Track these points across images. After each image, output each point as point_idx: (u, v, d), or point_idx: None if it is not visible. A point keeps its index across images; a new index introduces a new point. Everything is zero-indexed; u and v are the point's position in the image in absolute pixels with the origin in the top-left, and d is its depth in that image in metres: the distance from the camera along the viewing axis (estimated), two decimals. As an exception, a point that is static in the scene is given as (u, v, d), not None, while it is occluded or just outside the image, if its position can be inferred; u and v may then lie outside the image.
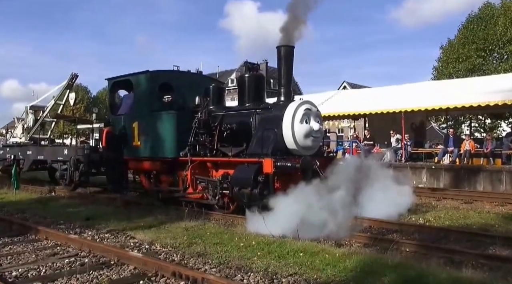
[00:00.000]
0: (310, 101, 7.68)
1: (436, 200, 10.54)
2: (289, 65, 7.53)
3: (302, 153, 7.17)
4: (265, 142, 6.89)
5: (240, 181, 6.86)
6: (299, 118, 7.05)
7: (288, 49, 7.41)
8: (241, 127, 7.64)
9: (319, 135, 7.42)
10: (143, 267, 4.54)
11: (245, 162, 7.06)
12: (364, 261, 4.57)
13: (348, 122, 28.45)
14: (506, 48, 28.66)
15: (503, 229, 6.95)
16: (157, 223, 7.11)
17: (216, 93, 8.76)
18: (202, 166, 7.93)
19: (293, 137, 7.05)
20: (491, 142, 14.29)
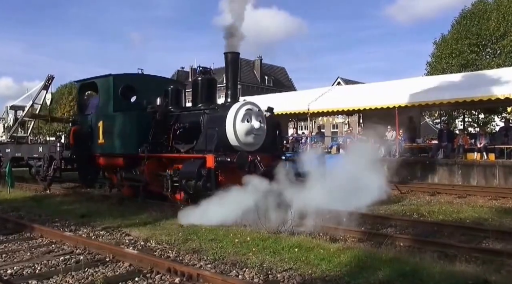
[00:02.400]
0: (252, 102, 8.33)
1: (430, 195, 10.61)
2: (234, 69, 8.34)
3: (245, 149, 7.80)
4: (210, 140, 7.61)
5: (186, 175, 7.53)
6: (241, 118, 7.73)
7: (233, 55, 8.17)
8: (192, 126, 8.36)
9: (260, 132, 8.06)
10: (139, 264, 4.55)
11: (191, 158, 7.80)
12: (358, 256, 4.61)
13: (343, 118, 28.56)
14: (499, 43, 28.80)
15: (496, 223, 7.03)
16: (152, 220, 7.12)
17: (174, 94, 9.54)
18: (158, 161, 8.63)
19: (235, 135, 7.71)
20: (484, 136, 14.39)
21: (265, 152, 8.30)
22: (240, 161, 7.26)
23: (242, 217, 6.39)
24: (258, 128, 7.92)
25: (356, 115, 20.30)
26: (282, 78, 64.95)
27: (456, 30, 30.55)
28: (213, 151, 7.45)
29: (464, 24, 30.15)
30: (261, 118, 8.18)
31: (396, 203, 9.24)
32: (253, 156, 7.61)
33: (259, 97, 22.71)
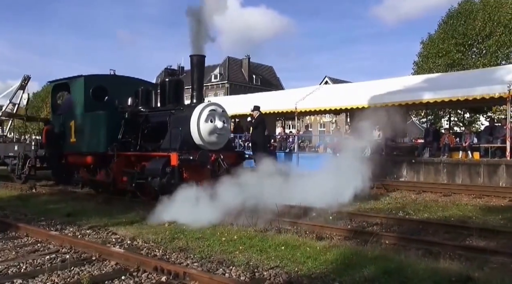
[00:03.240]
0: (216, 103, 8.71)
1: (415, 193, 10.75)
2: (200, 71, 8.66)
3: (209, 148, 8.15)
4: (175, 139, 8.00)
5: (151, 172, 7.84)
6: (205, 118, 8.08)
7: (199, 58, 8.50)
8: (159, 126, 8.69)
9: (223, 132, 8.44)
10: (125, 263, 4.53)
11: (157, 156, 8.10)
12: (344, 253, 4.66)
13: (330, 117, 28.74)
14: (485, 43, 29.26)
15: (480, 221, 7.15)
16: (139, 218, 7.08)
17: (144, 95, 9.76)
18: (127, 160, 8.87)
19: (199, 134, 8.05)
20: (470, 135, 14.63)
21: (229, 151, 8.76)
22: (202, 159, 7.55)
23: (213, 215, 6.60)
24: (221, 128, 8.28)
25: (343, 114, 20.47)
26: (270, 77, 65.04)
27: (443, 30, 30.95)
28: (177, 149, 7.75)
29: (450, 24, 30.55)
30: (225, 118, 8.54)
31: (382, 202, 9.35)
32: (217, 155, 7.96)
33: (247, 96, 22.74)
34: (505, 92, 12.11)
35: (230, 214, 6.64)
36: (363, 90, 15.82)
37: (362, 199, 9.59)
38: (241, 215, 6.64)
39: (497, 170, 12.04)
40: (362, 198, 9.71)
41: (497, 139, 13.34)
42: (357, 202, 9.21)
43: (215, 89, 59.04)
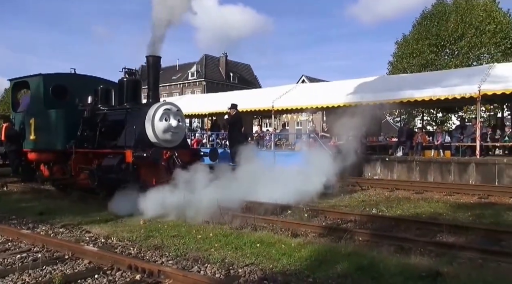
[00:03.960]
0: (172, 103, 9.06)
1: (389, 191, 10.99)
2: (156, 72, 9.01)
3: (163, 145, 8.39)
4: (130, 136, 8.29)
5: (107, 169, 8.07)
6: (159, 117, 8.34)
7: (155, 58, 8.79)
8: (116, 124, 8.92)
9: (178, 130, 8.69)
10: (99, 261, 4.47)
11: (112, 153, 8.33)
12: (318, 250, 4.72)
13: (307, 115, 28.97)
14: (457, 44, 30.10)
15: (450, 217, 7.37)
16: (114, 217, 7.01)
17: (104, 94, 9.89)
18: (85, 156, 9.03)
19: (153, 132, 8.30)
20: (441, 134, 15.06)
21: (184, 149, 9.05)
22: (155, 156, 7.76)
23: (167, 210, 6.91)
24: (175, 126, 8.54)
25: (320, 113, 20.67)
26: (247, 75, 65.01)
27: (417, 31, 31.65)
28: (132, 147, 8.03)
29: (424, 25, 31.27)
30: (180, 117, 8.81)
31: (356, 199, 9.52)
32: (171, 152, 8.19)
33: (224, 94, 22.67)
34: (476, 92, 12.52)
35: (179, 208, 6.91)
36: (339, 89, 16.03)
37: (337, 196, 9.77)
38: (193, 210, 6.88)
39: (467, 168, 12.45)
40: (337, 195, 9.90)
41: (468, 138, 13.80)
42: (332, 199, 9.38)
43: (192, 87, 58.56)
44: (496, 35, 28.77)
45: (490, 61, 26.95)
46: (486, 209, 8.06)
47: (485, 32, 28.85)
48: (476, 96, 12.57)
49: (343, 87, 16.23)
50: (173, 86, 60.55)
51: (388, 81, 16.60)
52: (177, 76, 61.34)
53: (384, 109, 18.18)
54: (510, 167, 11.77)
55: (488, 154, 13.63)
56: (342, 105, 14.91)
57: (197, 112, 20.30)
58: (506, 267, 4.51)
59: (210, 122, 22.02)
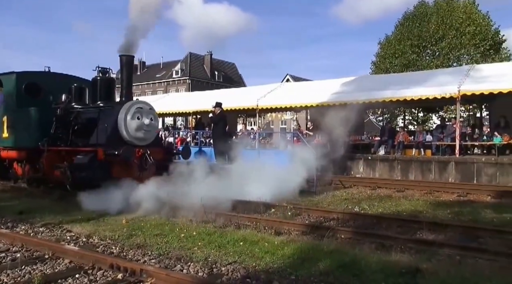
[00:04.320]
0: (144, 101, 9.40)
1: (371, 189, 11.14)
2: (129, 71, 9.12)
3: (136, 143, 8.52)
4: (103, 135, 8.39)
5: (79, 167, 8.12)
6: (131, 115, 8.48)
7: (128, 58, 8.91)
8: (89, 122, 8.98)
9: (150, 129, 8.83)
10: (80, 261, 4.42)
11: (84, 151, 8.37)
12: (301, 248, 4.76)
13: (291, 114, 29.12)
14: (438, 45, 30.68)
15: (430, 215, 7.51)
16: (96, 215, 6.91)
17: (78, 92, 9.89)
18: (58, 155, 9.02)
19: (126, 130, 8.43)
20: (422, 134, 15.34)
21: (157, 147, 9.14)
22: (126, 153, 7.85)
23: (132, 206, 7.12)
24: (148, 124, 8.67)
25: (304, 112, 20.78)
26: (232, 74, 64.89)
27: (399, 31, 32.13)
28: (104, 145, 8.11)
29: (406, 26, 31.77)
30: (153, 116, 8.94)
31: (339, 197, 9.62)
32: (144, 150, 8.35)
33: (209, 92, 22.58)
34: (455, 92, 12.79)
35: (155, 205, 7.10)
36: (323, 88, 16.16)
37: (320, 194, 9.86)
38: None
39: (447, 167, 12.72)
40: (320, 193, 9.99)
41: (448, 137, 14.09)
42: (316, 197, 9.46)
43: (176, 85, 58.12)
44: (475, 36, 29.45)
45: (469, 62, 27.58)
46: (465, 207, 8.26)
47: (465, 33, 29.51)
48: (456, 96, 12.84)
49: (327, 86, 16.37)
50: (157, 84, 60.00)
51: (371, 81, 16.80)
52: (161, 74, 60.80)
53: (367, 108, 18.42)
54: (488, 166, 12.07)
55: (467, 153, 13.95)
56: (326, 104, 15.03)
57: (182, 110, 20.18)
58: (483, 263, 4.64)
59: (194, 120, 21.90)
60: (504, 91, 12.14)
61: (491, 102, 15.45)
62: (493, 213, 7.59)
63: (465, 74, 13.67)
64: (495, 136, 13.33)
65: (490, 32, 30.22)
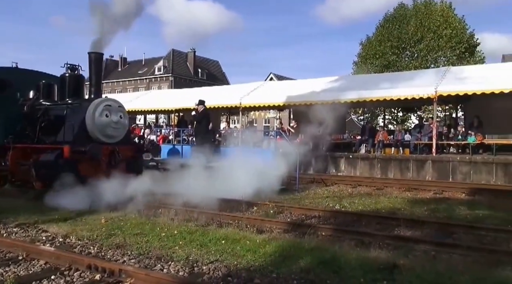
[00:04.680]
0: (113, 99, 9.32)
1: (352, 187, 11.29)
2: (98, 68, 9.11)
3: (104, 141, 8.53)
4: (70, 132, 8.37)
5: (45, 164, 8.07)
6: (99, 112, 8.47)
7: (97, 55, 8.94)
8: (56, 119, 8.88)
9: (119, 126, 8.86)
10: (56, 261, 4.31)
11: (50, 148, 8.30)
12: (283, 246, 4.78)
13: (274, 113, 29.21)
14: (417, 47, 31.34)
15: (407, 212, 7.67)
16: (74, 215, 6.77)
17: (46, 89, 9.74)
18: (24, 152, 8.92)
19: (94, 128, 8.42)
20: (401, 133, 15.62)
21: (127, 144, 9.17)
22: (93, 151, 7.88)
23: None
24: (116, 122, 8.69)
25: (287, 110, 20.87)
26: (216, 72, 64.60)
27: (380, 33, 32.65)
28: (71, 142, 8.06)
29: (387, 28, 32.32)
30: (122, 113, 8.96)
31: (321, 195, 9.71)
32: (112, 148, 8.38)
33: (192, 90, 22.43)
34: (432, 93, 13.08)
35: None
36: (306, 87, 16.26)
37: (302, 192, 9.94)
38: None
39: (424, 165, 13.00)
40: (302, 191, 10.06)
41: (425, 137, 14.39)
42: (298, 195, 9.53)
43: (158, 82, 57.48)
44: (452, 39, 30.22)
45: (446, 64, 28.27)
46: (440, 204, 8.46)
47: (442, 36, 30.24)
48: (433, 97, 13.14)
49: (310, 85, 16.48)
50: (138, 80, 59.19)
51: (352, 81, 17.01)
52: (143, 70, 60.01)
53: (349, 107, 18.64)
54: (462, 164, 12.40)
55: (443, 152, 14.29)
56: (308, 103, 15.14)
57: (164, 108, 19.98)
58: (457, 258, 4.77)
59: (177, 118, 21.71)
60: (478, 93, 12.51)
61: (466, 103, 15.87)
62: (467, 210, 7.82)
63: (442, 75, 14.00)
64: (469, 135, 13.70)
65: (466, 35, 31.07)
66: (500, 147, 12.98)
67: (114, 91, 56.19)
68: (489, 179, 11.89)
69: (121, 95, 32.38)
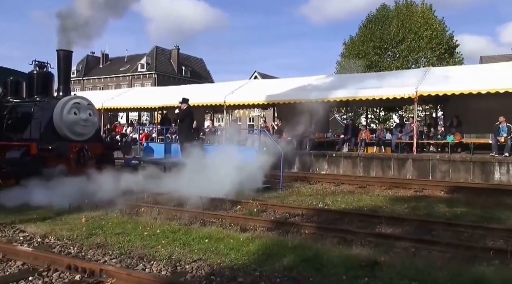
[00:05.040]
0: (82, 97, 9.34)
1: (335, 185, 11.39)
2: (66, 65, 9.13)
3: (73, 138, 8.63)
4: (37, 129, 8.38)
5: (11, 161, 8.12)
6: (68, 110, 8.53)
7: (65, 53, 8.95)
8: (24, 116, 8.86)
9: (88, 124, 8.94)
10: (33, 262, 4.22)
11: (17, 146, 8.35)
12: (266, 244, 4.79)
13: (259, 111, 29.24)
14: (398, 48, 31.84)
15: (389, 210, 7.78)
16: (53, 214, 6.63)
17: (14, 86, 9.69)
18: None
19: (62, 125, 8.47)
20: (383, 132, 15.84)
21: (96, 142, 9.24)
22: (59, 148, 8.00)
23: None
24: (85, 119, 8.75)
25: (271, 109, 20.90)
26: (200, 69, 64.19)
27: (362, 33, 33.03)
28: (38, 140, 8.10)
29: (369, 28, 32.73)
30: (91, 111, 9.01)
31: (304, 193, 9.76)
32: (81, 145, 8.46)
33: (176, 88, 22.24)
34: (413, 93, 13.31)
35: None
36: (290, 86, 16.32)
37: (286, 191, 9.97)
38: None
39: (405, 164, 13.22)
40: (286, 190, 10.10)
41: (406, 136, 14.63)
42: (281, 194, 9.56)
43: (142, 79, 56.76)
44: (432, 40, 30.82)
45: (426, 64, 28.79)
46: (420, 202, 8.62)
47: (422, 37, 30.81)
48: (414, 96, 13.37)
49: (294, 84, 16.54)
50: (121, 77, 58.32)
51: (336, 80, 17.14)
52: (125, 67, 59.15)
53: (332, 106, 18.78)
54: (441, 163, 12.67)
55: (423, 150, 14.56)
56: (292, 102, 15.20)
57: (147, 105, 19.75)
58: (436, 254, 4.87)
59: (160, 116, 21.49)
60: (457, 93, 12.80)
61: (445, 103, 16.20)
62: (446, 207, 7.98)
63: (423, 76, 14.25)
64: (448, 135, 13.99)
65: (445, 37, 31.74)
66: (477, 146, 13.29)
67: (95, 88, 55.25)
68: (467, 177, 12.17)
69: (103, 92, 31.84)
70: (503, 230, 5.89)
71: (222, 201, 7.78)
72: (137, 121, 26.23)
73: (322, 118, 17.83)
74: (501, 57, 30.21)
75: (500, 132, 12.81)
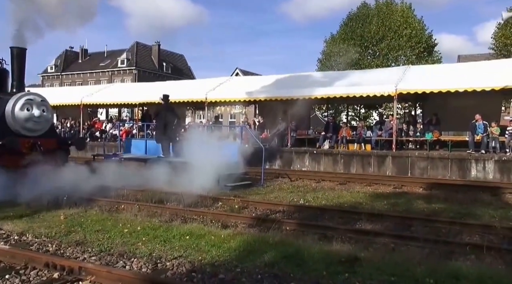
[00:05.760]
0: (36, 93, 9.52)
1: (316, 182, 11.49)
2: (20, 62, 9.21)
3: (26, 134, 8.75)
4: None
5: None
6: (20, 106, 8.65)
7: (19, 50, 9.06)
8: None
9: (42, 120, 9.06)
10: (10, 260, 4.13)
11: None
12: (247, 240, 4.81)
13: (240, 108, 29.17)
14: (378, 46, 32.24)
15: (368, 206, 7.90)
16: (30, 212, 6.50)
17: None
18: None
19: (14, 121, 8.61)
20: (363, 129, 16.04)
21: (50, 138, 9.32)
22: (10, 144, 8.13)
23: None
24: (38, 116, 8.86)
25: (253, 106, 20.89)
26: (181, 66, 63.55)
27: (343, 31, 33.33)
28: None
29: (350, 26, 33.04)
30: (45, 107, 9.13)
31: (286, 190, 9.81)
32: (34, 141, 8.57)
33: (157, 84, 21.96)
34: (393, 91, 13.52)
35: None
36: (271, 83, 16.34)
37: (267, 187, 10.01)
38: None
39: (385, 161, 13.44)
40: (268, 187, 10.14)
41: (386, 133, 14.86)
42: (263, 191, 9.59)
43: (122, 75, 55.81)
44: (411, 39, 31.35)
45: (406, 62, 29.30)
46: (400, 198, 8.79)
47: (402, 36, 31.29)
48: (393, 94, 13.58)
49: (275, 81, 16.57)
50: (100, 73, 57.18)
51: (317, 77, 17.24)
52: (105, 63, 58.01)
53: (313, 104, 18.93)
54: (420, 160, 12.92)
55: (402, 148, 14.82)
56: (274, 99, 15.23)
57: (127, 101, 19.46)
58: (414, 250, 4.99)
59: (140, 112, 21.20)
60: (435, 91, 13.06)
61: (424, 101, 16.51)
62: (424, 204, 8.16)
63: (402, 74, 14.48)
64: (427, 132, 14.29)
65: (424, 35, 32.33)
66: (455, 144, 13.60)
67: (74, 83, 54.01)
68: (445, 174, 12.46)
69: (82, 87, 31.18)
70: (479, 225, 6.07)
71: (203, 198, 7.76)
72: (117, 118, 25.80)
73: (303, 115, 17.96)
74: (478, 56, 31.01)
75: (476, 129, 13.15)
